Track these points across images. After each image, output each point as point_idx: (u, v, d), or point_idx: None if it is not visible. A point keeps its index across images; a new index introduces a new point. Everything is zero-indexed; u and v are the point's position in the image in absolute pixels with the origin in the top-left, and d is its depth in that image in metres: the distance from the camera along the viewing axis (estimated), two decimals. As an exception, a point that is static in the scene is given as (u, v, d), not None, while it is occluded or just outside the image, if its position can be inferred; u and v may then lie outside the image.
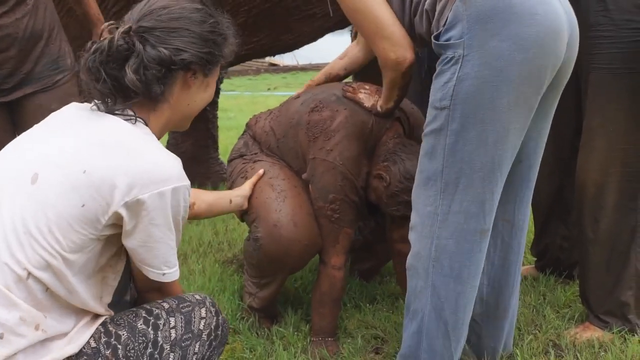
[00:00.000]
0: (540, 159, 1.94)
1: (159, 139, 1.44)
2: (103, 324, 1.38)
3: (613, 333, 2.18)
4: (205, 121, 4.42)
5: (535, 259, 2.79)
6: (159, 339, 1.41)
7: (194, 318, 1.48)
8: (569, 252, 2.62)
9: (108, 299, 1.41)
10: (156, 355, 1.40)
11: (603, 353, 2.09)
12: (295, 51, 4.14)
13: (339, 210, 2.09)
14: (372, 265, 2.74)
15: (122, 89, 1.36)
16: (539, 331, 2.26)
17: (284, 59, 19.85)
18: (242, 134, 2.46)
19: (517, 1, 1.60)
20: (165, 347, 1.41)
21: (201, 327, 1.49)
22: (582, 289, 2.32)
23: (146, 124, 1.41)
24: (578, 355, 2.07)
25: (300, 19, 3.63)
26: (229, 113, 9.01)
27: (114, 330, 1.38)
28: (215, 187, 4.37)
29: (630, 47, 2.03)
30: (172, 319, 1.44)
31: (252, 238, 2.12)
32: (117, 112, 1.38)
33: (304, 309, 2.42)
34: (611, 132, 2.12)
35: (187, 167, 4.13)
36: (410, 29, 1.82)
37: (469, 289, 1.80)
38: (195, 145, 4.45)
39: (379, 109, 2.08)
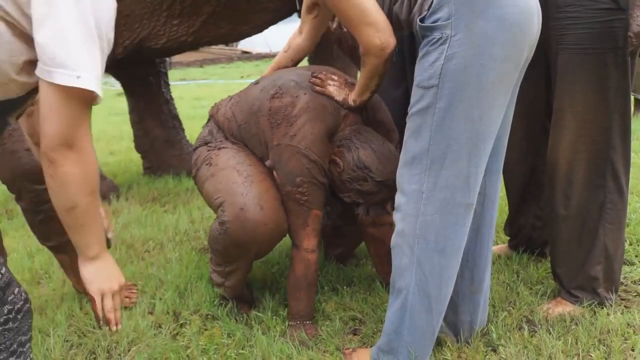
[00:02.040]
0: (508, 132, 2.00)
1: None
2: None
3: (583, 307, 2.24)
4: (164, 103, 4.53)
5: (508, 238, 2.84)
6: None
7: (10, 289, 1.37)
8: (541, 231, 2.68)
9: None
10: None
11: (574, 327, 2.15)
12: (268, 38, 4.26)
13: (307, 192, 2.10)
14: (344, 249, 2.78)
15: None
16: (513, 307, 2.31)
17: (256, 47, 19.80)
18: (207, 123, 2.47)
19: None
20: None
21: (8, 299, 1.36)
22: (553, 266, 2.38)
23: None
24: (550, 329, 2.12)
25: (256, 11, 3.75)
26: (203, 101, 9.01)
27: None
28: (189, 174, 4.40)
29: (596, 27, 2.09)
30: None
31: (219, 222, 2.12)
32: None
33: (281, 294, 2.46)
34: (580, 111, 2.17)
35: (163, 152, 4.25)
36: (389, 16, 1.86)
37: (453, 262, 1.85)
38: (162, 128, 4.53)
39: (351, 103, 2.11)
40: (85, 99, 1.31)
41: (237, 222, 2.06)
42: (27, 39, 1.31)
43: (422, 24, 1.72)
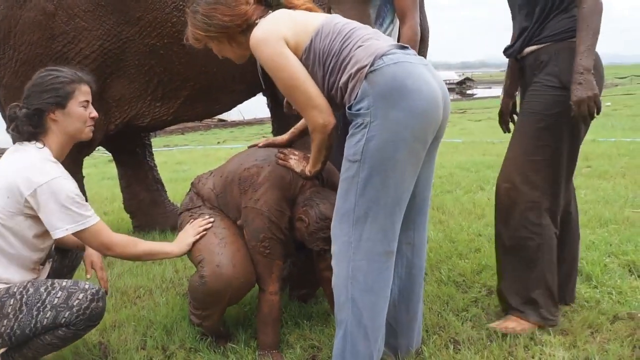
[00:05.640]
0: (430, 194, 2.20)
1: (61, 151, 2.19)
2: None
3: (531, 322, 2.41)
4: (149, 169, 4.62)
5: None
6: (47, 300, 2.01)
7: (73, 296, 2.01)
8: None
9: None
10: (40, 307, 1.99)
11: (489, 343, 2.33)
12: (241, 107, 4.45)
13: (269, 246, 2.27)
14: (307, 291, 2.90)
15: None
16: (443, 331, 2.48)
17: (231, 116, 19.93)
18: (188, 192, 2.63)
19: (408, 82, 1.87)
20: (47, 306, 1.99)
21: (74, 303, 2.00)
22: (501, 288, 2.54)
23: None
24: (470, 346, 2.30)
25: (226, 93, 3.94)
26: (184, 166, 9.05)
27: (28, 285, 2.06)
28: (174, 230, 4.50)
29: (549, 99, 2.33)
30: (60, 292, 2.01)
31: (198, 276, 2.25)
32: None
33: (252, 328, 2.56)
34: (522, 158, 2.38)
35: (149, 212, 4.34)
36: (328, 99, 2.05)
37: (381, 299, 2.01)
38: (148, 191, 4.58)
39: (307, 173, 2.28)
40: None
41: (214, 277, 2.21)
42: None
43: (349, 111, 1.94)
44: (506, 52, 2.59)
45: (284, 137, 2.57)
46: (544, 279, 2.42)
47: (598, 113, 2.21)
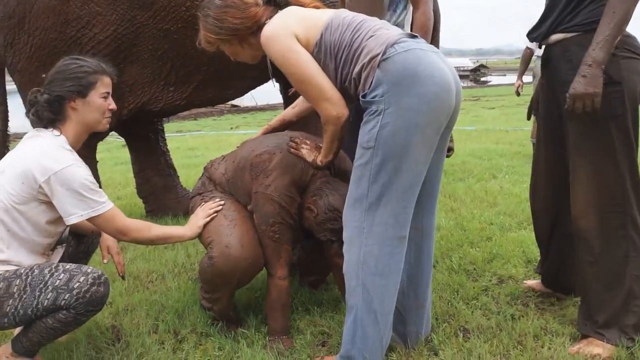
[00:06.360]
0: (440, 179, 2.21)
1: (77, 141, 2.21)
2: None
3: (614, 345, 2.16)
4: (161, 155, 4.67)
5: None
6: (49, 281, 2.00)
7: (74, 279, 2.00)
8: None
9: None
10: (42, 288, 1.99)
11: (499, 332, 2.34)
12: (254, 93, 4.44)
13: (279, 231, 2.29)
14: (317, 278, 2.91)
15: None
16: (452, 319, 2.48)
17: (244, 101, 19.98)
18: (201, 176, 2.66)
19: (420, 69, 1.89)
20: (49, 287, 1.99)
21: (75, 286, 1.99)
22: (583, 308, 2.28)
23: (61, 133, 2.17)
24: (480, 335, 2.31)
25: (238, 79, 3.97)
26: (197, 151, 9.08)
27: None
28: (186, 214, 4.53)
29: None
30: (62, 275, 2.01)
31: (208, 257, 2.28)
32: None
33: (263, 314, 2.57)
34: (590, 171, 2.15)
35: (161, 197, 4.38)
36: (341, 91, 2.06)
37: (391, 283, 2.03)
38: (161, 176, 4.62)
39: (319, 163, 2.29)
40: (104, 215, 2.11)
41: (222, 257, 2.24)
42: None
43: (364, 99, 1.95)
44: (530, 35, 2.36)
45: (259, 133, 2.66)
46: (634, 297, 2.18)
47: (594, 113, 2.03)
